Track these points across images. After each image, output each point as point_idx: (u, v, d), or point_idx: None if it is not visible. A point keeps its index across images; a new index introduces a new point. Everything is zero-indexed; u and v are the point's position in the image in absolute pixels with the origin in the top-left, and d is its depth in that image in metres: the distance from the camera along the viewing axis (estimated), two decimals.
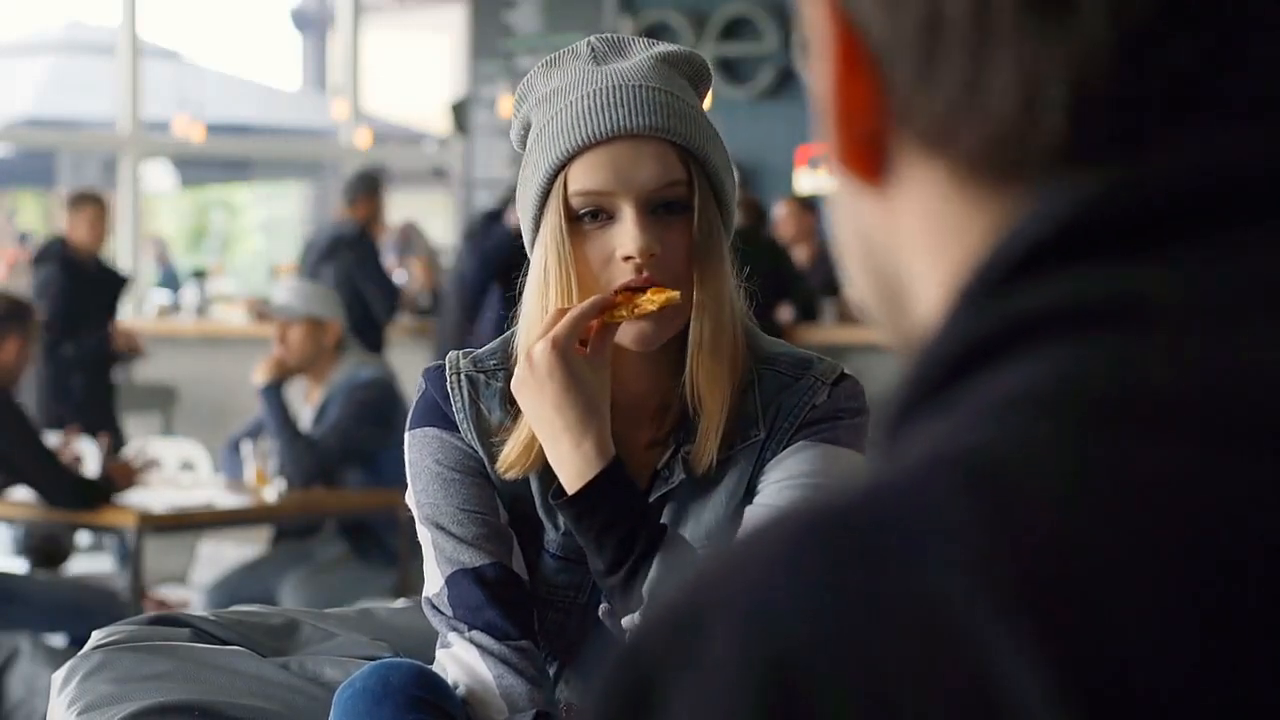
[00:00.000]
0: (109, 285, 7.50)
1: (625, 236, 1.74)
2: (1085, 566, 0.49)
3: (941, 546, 0.50)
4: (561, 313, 1.74)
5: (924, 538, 0.50)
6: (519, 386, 1.76)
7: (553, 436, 1.75)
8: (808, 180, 9.07)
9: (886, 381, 0.62)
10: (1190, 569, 0.49)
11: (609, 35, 1.85)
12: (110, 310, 7.47)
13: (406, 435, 1.87)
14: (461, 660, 1.81)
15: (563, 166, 1.76)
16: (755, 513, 1.79)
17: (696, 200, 1.76)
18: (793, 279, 7.45)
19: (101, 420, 6.98)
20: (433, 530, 1.84)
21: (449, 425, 1.85)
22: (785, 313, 7.34)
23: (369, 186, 7.94)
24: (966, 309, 0.56)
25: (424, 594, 1.86)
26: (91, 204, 7.44)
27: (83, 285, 7.29)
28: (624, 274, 1.75)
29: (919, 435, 0.54)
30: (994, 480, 0.51)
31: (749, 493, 1.81)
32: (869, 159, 0.60)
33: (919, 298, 0.61)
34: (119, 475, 5.05)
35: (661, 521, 1.79)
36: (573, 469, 1.75)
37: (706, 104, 1.86)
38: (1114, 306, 0.54)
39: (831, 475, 1.80)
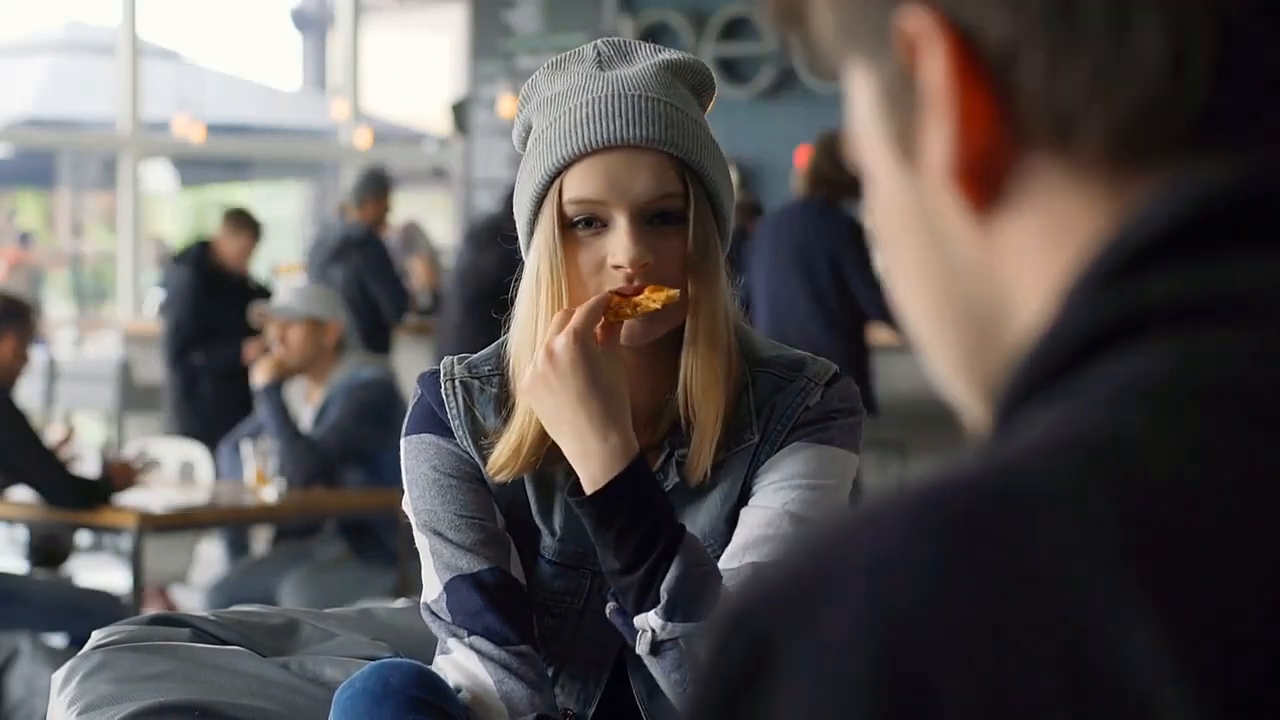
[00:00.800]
0: (248, 298, 7.46)
1: (618, 246, 1.74)
2: (1213, 552, 0.49)
3: (1066, 523, 0.50)
4: (569, 312, 1.74)
5: (1046, 514, 0.50)
6: (536, 384, 1.73)
7: (576, 432, 1.73)
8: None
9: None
10: None
11: (616, 40, 1.84)
12: (248, 324, 7.45)
13: (402, 442, 1.87)
14: (461, 666, 1.81)
15: (558, 173, 1.75)
16: (751, 515, 1.79)
17: (692, 212, 1.75)
18: None
19: (230, 431, 6.95)
20: (430, 537, 1.83)
21: (444, 431, 1.84)
22: None
23: (378, 187, 7.92)
24: (1086, 297, 0.55)
25: (422, 600, 1.85)
26: (248, 231, 7.49)
27: (217, 293, 7.25)
28: (615, 282, 1.74)
29: (1035, 418, 0.54)
30: (1119, 462, 0.51)
31: (744, 495, 1.82)
32: (984, 180, 0.58)
33: (1018, 316, 0.59)
34: (119, 475, 5.05)
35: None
36: (598, 464, 1.72)
37: (708, 109, 1.85)
38: (1238, 300, 0.53)
39: (826, 476, 1.80)
